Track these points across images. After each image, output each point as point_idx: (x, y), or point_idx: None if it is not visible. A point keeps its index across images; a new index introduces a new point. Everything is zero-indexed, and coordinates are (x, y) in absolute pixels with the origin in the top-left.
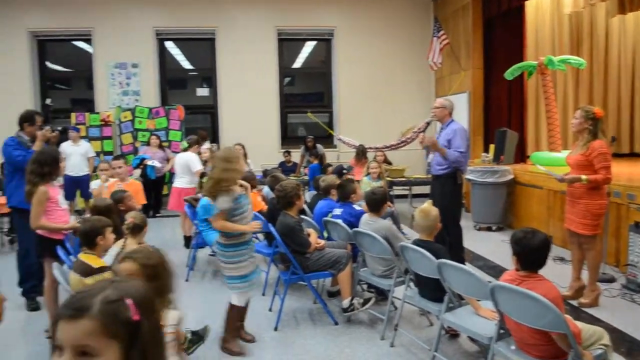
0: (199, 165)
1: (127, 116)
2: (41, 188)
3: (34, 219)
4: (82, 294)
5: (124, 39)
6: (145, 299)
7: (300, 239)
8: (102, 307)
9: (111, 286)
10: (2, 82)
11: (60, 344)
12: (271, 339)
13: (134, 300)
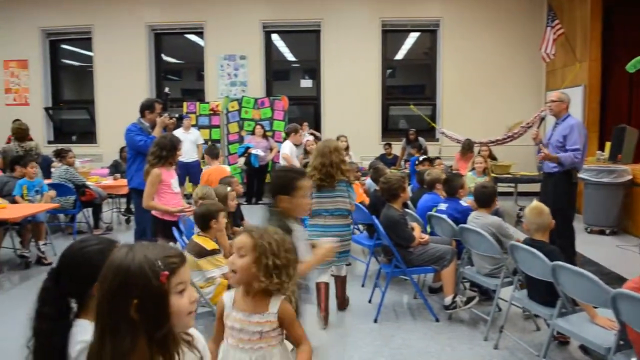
0: (285, 150)
1: (234, 106)
2: (155, 170)
3: (145, 199)
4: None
5: (233, 32)
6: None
7: (405, 233)
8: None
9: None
10: (123, 73)
11: (183, 287)
12: (370, 331)
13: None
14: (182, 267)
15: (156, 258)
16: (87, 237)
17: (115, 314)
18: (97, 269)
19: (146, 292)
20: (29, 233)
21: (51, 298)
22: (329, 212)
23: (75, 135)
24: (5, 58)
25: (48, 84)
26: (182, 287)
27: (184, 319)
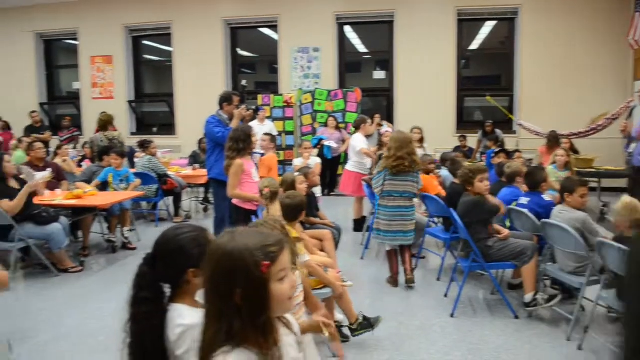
0: (361, 145)
1: (307, 98)
2: (237, 161)
3: (230, 189)
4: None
5: (307, 25)
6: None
7: (489, 207)
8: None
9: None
10: (200, 67)
11: (284, 274)
12: (447, 325)
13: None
14: (281, 254)
15: (256, 248)
16: (180, 225)
17: (219, 300)
18: (191, 256)
19: (248, 282)
20: (115, 219)
21: (148, 283)
22: (399, 193)
23: (156, 127)
24: (92, 54)
25: (131, 78)
26: (283, 274)
27: (285, 303)
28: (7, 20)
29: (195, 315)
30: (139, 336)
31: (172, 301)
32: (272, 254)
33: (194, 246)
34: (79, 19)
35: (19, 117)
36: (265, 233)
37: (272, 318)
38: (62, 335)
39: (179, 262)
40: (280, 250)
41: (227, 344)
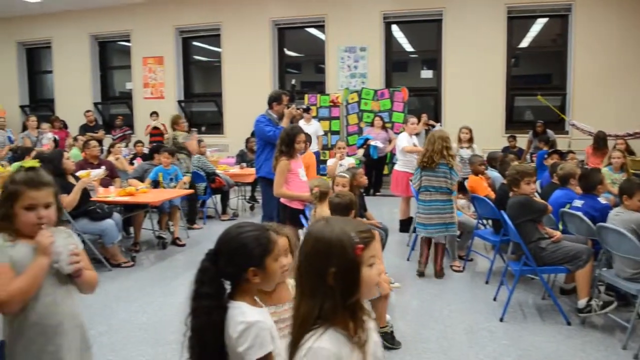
0: (404, 143)
1: (353, 98)
2: (283, 161)
3: (276, 187)
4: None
5: (354, 24)
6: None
7: (537, 205)
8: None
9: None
10: (248, 67)
11: (373, 261)
12: (496, 330)
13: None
14: (372, 242)
15: (352, 232)
16: (243, 223)
17: (313, 279)
18: (252, 255)
19: (343, 262)
20: (165, 216)
21: (209, 278)
22: (435, 188)
23: (204, 126)
24: (144, 55)
25: (181, 78)
26: (373, 260)
27: (372, 288)
28: (65, 23)
29: (256, 313)
30: (199, 330)
31: (232, 299)
32: (365, 239)
33: (255, 245)
34: (132, 21)
35: (75, 116)
36: (356, 221)
37: (361, 301)
38: (114, 328)
39: (240, 260)
40: (372, 237)
41: (320, 324)
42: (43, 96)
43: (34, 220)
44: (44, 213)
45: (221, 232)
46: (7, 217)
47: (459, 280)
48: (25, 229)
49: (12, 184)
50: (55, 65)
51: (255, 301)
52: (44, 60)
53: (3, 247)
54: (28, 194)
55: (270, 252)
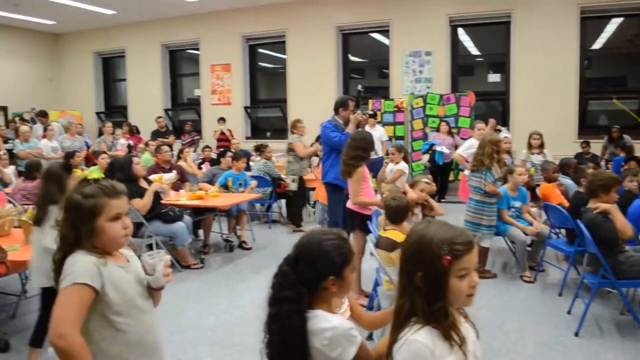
0: (461, 149)
1: (418, 103)
2: (359, 168)
3: (353, 196)
4: (461, 234)
5: (419, 28)
6: None
7: (605, 232)
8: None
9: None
10: (312, 73)
11: (466, 272)
12: (570, 344)
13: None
14: (467, 254)
15: (444, 242)
16: (325, 231)
17: (404, 277)
18: (333, 263)
19: (429, 269)
20: (233, 220)
21: (289, 283)
22: (473, 188)
23: (269, 131)
24: (212, 63)
25: (247, 85)
26: (464, 272)
27: (462, 299)
28: (138, 33)
29: (336, 317)
30: (280, 336)
31: (311, 306)
32: (457, 251)
33: (336, 254)
34: (200, 30)
35: (147, 122)
36: (458, 230)
37: (447, 308)
38: (184, 327)
39: (320, 267)
40: (467, 250)
41: (416, 321)
42: (117, 103)
43: (121, 231)
44: (128, 222)
45: (302, 237)
46: (88, 236)
47: (530, 292)
48: (111, 243)
49: (89, 197)
50: (128, 74)
51: (332, 311)
52: (118, 69)
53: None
54: (112, 203)
55: (349, 262)
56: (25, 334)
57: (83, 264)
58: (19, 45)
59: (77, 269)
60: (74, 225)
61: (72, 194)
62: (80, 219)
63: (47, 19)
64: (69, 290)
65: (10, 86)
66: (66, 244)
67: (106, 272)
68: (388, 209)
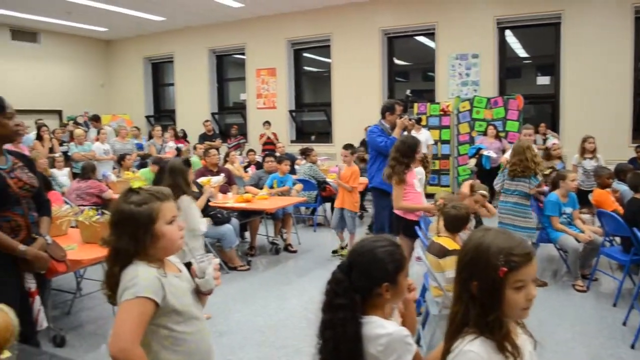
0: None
1: (465, 106)
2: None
3: (396, 200)
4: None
5: (466, 31)
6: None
7: None
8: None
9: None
10: (357, 76)
11: (523, 284)
12: (626, 357)
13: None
14: (524, 266)
15: (501, 252)
16: (378, 238)
17: (460, 285)
18: (387, 270)
19: (485, 279)
20: (279, 223)
21: (343, 290)
22: (511, 191)
23: (314, 135)
24: (257, 67)
25: (292, 89)
26: (520, 284)
27: (517, 312)
28: (186, 39)
29: (391, 324)
30: (335, 342)
31: (363, 313)
32: (513, 263)
33: (390, 261)
34: (247, 35)
35: (194, 125)
36: (517, 240)
37: (502, 319)
38: (232, 329)
39: (374, 274)
40: (525, 262)
41: (471, 330)
42: (165, 107)
43: (178, 232)
44: (182, 222)
45: (355, 245)
46: (148, 244)
47: (582, 301)
48: (171, 246)
49: (142, 205)
50: (176, 78)
51: (384, 315)
52: (166, 74)
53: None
54: (166, 206)
55: (403, 268)
56: (79, 330)
57: (146, 277)
58: (73, 52)
59: (140, 282)
60: (132, 236)
61: (121, 206)
62: (138, 228)
63: (100, 26)
64: (131, 304)
65: (64, 91)
66: (125, 256)
67: (167, 283)
68: (446, 216)
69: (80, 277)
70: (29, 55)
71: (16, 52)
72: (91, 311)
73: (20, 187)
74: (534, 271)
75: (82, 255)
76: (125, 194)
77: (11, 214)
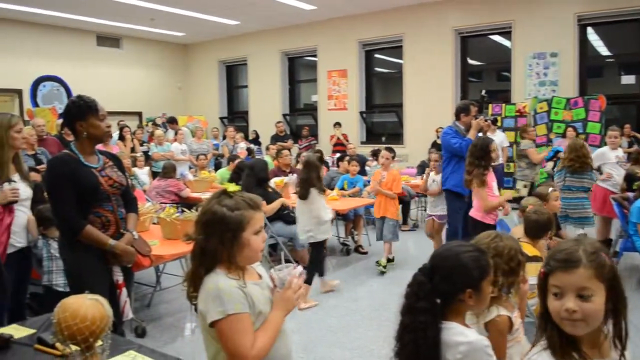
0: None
1: (542, 107)
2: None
3: (483, 202)
4: (567, 250)
5: (544, 29)
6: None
7: None
8: (589, 257)
9: (579, 242)
10: (429, 77)
11: (560, 291)
12: None
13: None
14: (560, 272)
15: (550, 255)
16: (462, 243)
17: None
18: (471, 276)
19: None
20: (350, 224)
21: (425, 293)
22: (577, 187)
23: (385, 136)
24: (328, 69)
25: (363, 90)
26: (556, 290)
27: (559, 321)
28: (259, 42)
29: (472, 332)
30: (414, 346)
31: (443, 318)
32: (549, 266)
33: (474, 266)
34: (318, 37)
35: (266, 126)
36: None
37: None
38: (304, 327)
39: (457, 279)
40: (561, 267)
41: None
42: (239, 108)
43: (262, 244)
44: (265, 235)
45: (439, 248)
46: (234, 250)
47: None
48: (252, 257)
49: (234, 210)
50: (250, 80)
51: (465, 322)
52: (240, 76)
53: (242, 293)
54: (256, 216)
55: (488, 275)
56: (158, 322)
57: (230, 292)
58: (153, 56)
59: (225, 299)
60: (219, 238)
61: (214, 207)
62: (227, 232)
63: (178, 31)
64: (228, 322)
65: (144, 93)
66: (211, 259)
67: (248, 294)
68: (527, 221)
69: (160, 271)
70: (112, 60)
71: (101, 57)
72: (169, 304)
73: (111, 185)
74: (575, 281)
75: (164, 250)
76: (219, 196)
77: (102, 210)
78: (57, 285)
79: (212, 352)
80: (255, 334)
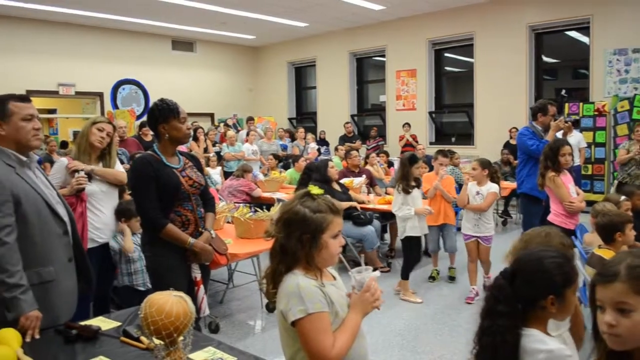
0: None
1: (624, 106)
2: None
3: (563, 199)
4: (609, 264)
5: (624, 24)
6: None
7: None
8: (628, 271)
9: (630, 255)
10: (501, 76)
11: (601, 304)
12: None
13: None
14: (599, 285)
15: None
16: (547, 248)
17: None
18: (554, 283)
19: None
20: None
21: (505, 297)
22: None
23: (454, 137)
24: (397, 69)
25: (432, 90)
26: (599, 303)
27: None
28: (328, 43)
29: (553, 341)
30: (492, 350)
31: (523, 325)
32: (594, 279)
33: (558, 273)
34: (387, 37)
35: (334, 127)
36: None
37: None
38: (374, 330)
39: (540, 285)
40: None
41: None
42: (307, 109)
43: (339, 248)
44: (342, 240)
45: (522, 252)
46: (314, 251)
47: None
48: (329, 260)
49: (317, 212)
50: (318, 81)
51: (546, 330)
52: (309, 77)
53: (322, 292)
54: (337, 220)
55: (573, 283)
56: (231, 319)
57: (310, 291)
58: (224, 59)
59: (306, 298)
60: (299, 238)
61: (296, 207)
62: (306, 233)
63: (249, 34)
64: (310, 321)
65: (216, 95)
66: (292, 258)
67: (327, 293)
68: (596, 226)
69: (233, 269)
70: (186, 63)
71: (175, 61)
72: (241, 302)
73: (190, 184)
74: (612, 296)
75: (238, 249)
76: (302, 197)
77: (182, 210)
78: (137, 285)
79: (291, 351)
80: (334, 334)
